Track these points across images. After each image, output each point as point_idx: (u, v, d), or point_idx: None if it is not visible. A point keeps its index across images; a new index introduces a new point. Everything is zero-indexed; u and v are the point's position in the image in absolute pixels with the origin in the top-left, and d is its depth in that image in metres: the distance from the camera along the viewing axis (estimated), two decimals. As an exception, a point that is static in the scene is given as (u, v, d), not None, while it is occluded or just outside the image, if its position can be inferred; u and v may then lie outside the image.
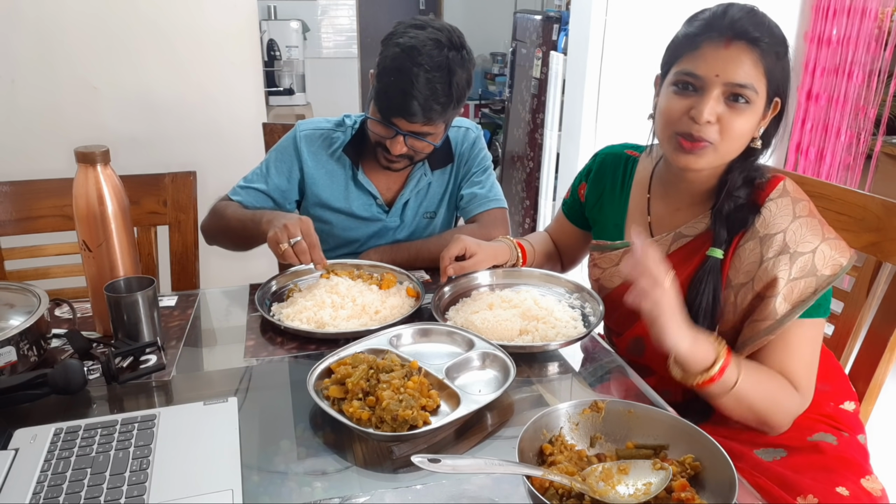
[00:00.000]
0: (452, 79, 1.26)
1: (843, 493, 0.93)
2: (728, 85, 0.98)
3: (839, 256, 1.00)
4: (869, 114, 2.61)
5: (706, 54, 0.99)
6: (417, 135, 1.31)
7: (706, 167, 1.04)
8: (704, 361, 0.93)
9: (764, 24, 0.99)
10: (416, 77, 1.23)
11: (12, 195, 1.45)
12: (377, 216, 1.48)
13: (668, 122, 1.04)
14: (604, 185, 1.28)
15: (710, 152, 1.02)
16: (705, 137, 1.00)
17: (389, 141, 1.32)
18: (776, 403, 0.99)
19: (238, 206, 1.42)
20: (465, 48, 1.31)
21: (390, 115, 1.28)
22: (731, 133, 1.00)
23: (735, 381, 0.95)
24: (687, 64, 1.01)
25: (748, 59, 0.97)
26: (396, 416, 0.82)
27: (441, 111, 1.27)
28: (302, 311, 1.14)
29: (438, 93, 1.25)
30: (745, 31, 0.97)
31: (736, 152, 1.04)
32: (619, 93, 2.49)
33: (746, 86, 0.97)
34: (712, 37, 0.99)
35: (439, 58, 1.25)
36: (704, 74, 0.99)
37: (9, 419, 0.87)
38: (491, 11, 5.82)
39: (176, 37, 2.12)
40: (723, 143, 1.01)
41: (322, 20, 4.51)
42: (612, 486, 0.74)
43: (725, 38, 0.98)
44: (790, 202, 1.03)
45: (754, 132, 1.03)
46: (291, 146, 1.46)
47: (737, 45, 0.97)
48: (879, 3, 2.46)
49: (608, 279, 1.22)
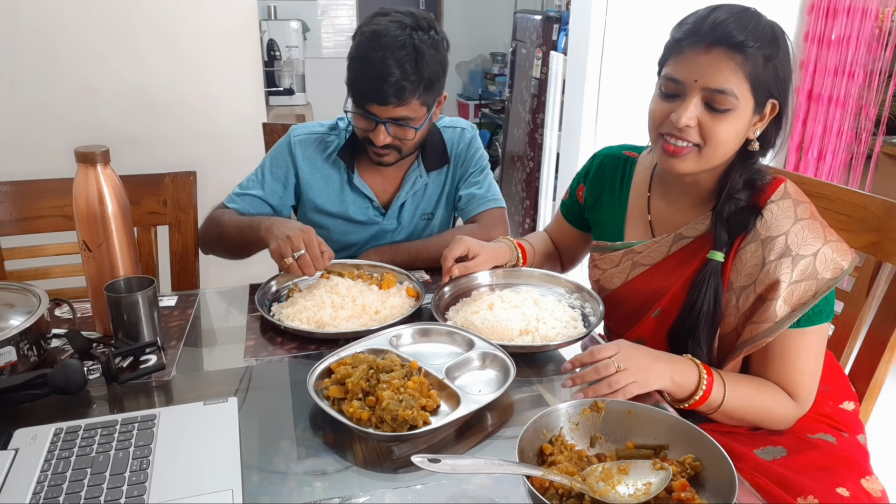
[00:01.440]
0: (420, 58, 1.25)
1: (844, 493, 0.93)
2: (707, 90, 0.98)
3: (840, 259, 1.00)
4: (869, 114, 2.61)
5: (687, 59, 1.00)
6: (397, 121, 1.29)
7: (693, 171, 1.05)
8: (689, 387, 0.97)
9: (750, 27, 0.97)
10: (381, 60, 1.23)
11: (12, 195, 1.45)
12: (374, 219, 1.48)
13: (653, 125, 1.06)
14: (603, 186, 1.28)
15: (693, 156, 1.03)
16: (687, 139, 1.01)
17: (372, 133, 1.31)
18: (767, 413, 1.02)
19: (234, 214, 1.41)
20: (434, 30, 1.30)
21: (364, 104, 1.28)
22: (713, 137, 1.00)
23: (722, 399, 0.98)
24: (670, 68, 1.02)
25: (727, 64, 0.97)
26: (396, 416, 0.82)
27: (412, 90, 1.26)
28: (302, 311, 1.14)
29: (407, 71, 1.24)
30: (726, 35, 0.96)
31: (725, 156, 1.04)
32: (619, 93, 2.49)
33: (725, 91, 0.97)
34: (694, 41, 0.99)
35: (402, 37, 1.24)
36: (684, 79, 1.00)
37: (9, 419, 0.87)
38: (491, 11, 5.81)
39: (176, 37, 2.12)
40: (706, 147, 1.02)
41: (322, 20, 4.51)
42: (612, 486, 0.74)
43: (705, 43, 0.98)
44: (792, 204, 1.03)
45: (745, 135, 1.03)
46: (286, 151, 1.45)
47: (716, 51, 0.97)
48: (879, 3, 2.46)
49: (608, 280, 1.22)
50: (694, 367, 0.98)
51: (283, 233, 1.19)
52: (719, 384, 0.98)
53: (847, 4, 2.48)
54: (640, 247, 1.17)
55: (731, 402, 0.98)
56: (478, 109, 5.67)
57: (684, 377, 0.96)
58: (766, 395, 1.01)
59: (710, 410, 0.99)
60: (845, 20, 2.50)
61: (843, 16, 2.50)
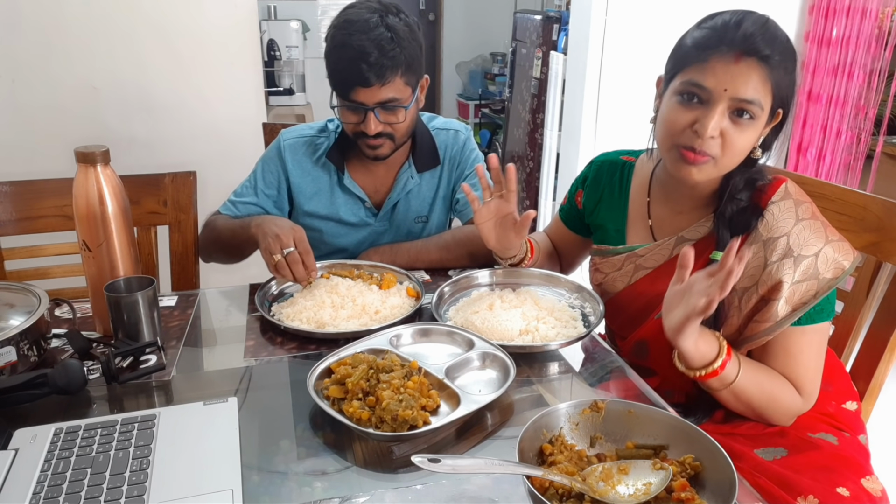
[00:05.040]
0: (396, 36, 1.25)
1: (844, 493, 0.93)
2: (735, 100, 0.97)
3: (842, 259, 1.00)
4: (869, 114, 2.61)
5: (715, 67, 0.97)
6: (384, 105, 1.28)
7: (705, 179, 1.04)
8: (707, 357, 0.96)
9: (776, 39, 0.97)
10: (358, 42, 1.22)
11: (12, 195, 1.45)
12: (365, 220, 1.47)
13: (670, 133, 1.02)
14: (601, 192, 1.28)
15: (710, 166, 1.02)
16: (708, 152, 1.00)
17: (363, 124, 1.29)
18: (774, 401, 1.01)
19: (229, 218, 1.41)
20: (404, 13, 1.30)
21: (348, 93, 1.26)
22: (732, 148, 1.00)
23: (735, 377, 0.98)
24: (695, 74, 0.99)
25: (757, 75, 0.96)
26: (396, 416, 0.82)
27: (393, 66, 1.25)
28: (302, 311, 1.14)
29: (385, 49, 1.23)
30: (756, 47, 0.95)
31: (735, 165, 1.04)
32: (619, 93, 2.49)
33: (753, 102, 0.97)
34: (722, 50, 0.97)
35: (374, 19, 1.24)
36: (713, 87, 0.97)
37: (9, 419, 0.87)
38: (491, 11, 5.81)
39: (176, 37, 2.12)
40: (723, 157, 1.01)
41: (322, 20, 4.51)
42: (612, 486, 0.74)
43: (736, 53, 0.96)
44: (793, 205, 1.03)
45: (755, 143, 1.03)
46: (276, 156, 1.45)
47: (747, 61, 0.96)
48: (879, 3, 2.46)
49: (611, 284, 1.22)
50: (716, 340, 0.98)
51: (272, 230, 1.19)
52: (735, 362, 0.98)
53: (847, 4, 2.48)
54: (643, 250, 1.17)
55: (743, 382, 0.98)
56: (478, 109, 5.67)
57: (706, 345, 0.96)
58: (775, 383, 1.01)
59: (721, 386, 0.98)
60: (845, 20, 2.50)
61: (843, 16, 2.50)
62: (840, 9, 2.49)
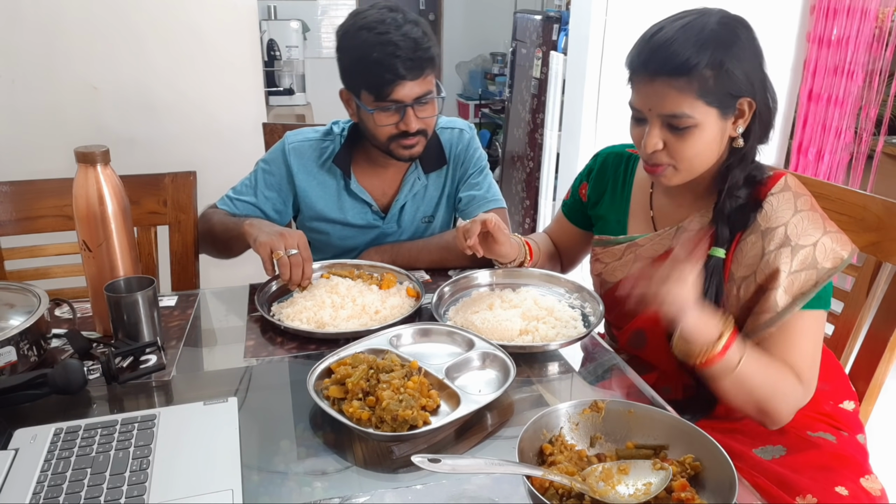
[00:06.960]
0: (422, 29, 1.27)
1: (843, 492, 0.93)
2: (662, 116, 1.00)
3: (840, 249, 1.00)
4: (870, 114, 2.61)
5: (639, 89, 1.03)
6: (419, 100, 1.29)
7: (679, 182, 1.07)
8: (710, 335, 0.94)
9: (691, 43, 0.95)
10: (391, 39, 1.23)
11: (12, 195, 1.45)
12: (373, 223, 1.47)
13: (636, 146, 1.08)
14: (606, 184, 1.28)
15: (672, 172, 1.05)
16: (659, 162, 1.04)
17: (403, 122, 1.29)
18: (777, 390, 0.98)
19: (224, 213, 1.41)
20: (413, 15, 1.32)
21: (387, 90, 1.25)
22: (682, 155, 1.02)
23: (738, 362, 0.95)
24: (631, 96, 1.05)
25: (673, 90, 0.97)
26: (396, 416, 0.82)
27: (427, 59, 1.26)
28: (302, 311, 1.14)
29: (419, 43, 1.25)
30: (664, 62, 0.97)
31: (704, 164, 1.05)
32: (619, 93, 2.47)
33: (678, 115, 0.98)
34: (639, 72, 1.01)
35: (399, 17, 1.26)
36: (641, 108, 1.03)
37: (9, 419, 0.87)
38: (491, 11, 5.81)
39: (176, 37, 2.12)
40: (680, 163, 1.03)
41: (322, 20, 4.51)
42: (612, 486, 0.74)
43: (647, 74, 1.00)
44: (792, 196, 1.03)
45: (723, 139, 1.03)
46: (281, 160, 1.44)
47: (659, 80, 0.98)
48: (879, 3, 2.46)
49: (610, 273, 1.22)
50: (722, 320, 0.96)
51: (275, 229, 1.19)
52: (740, 344, 0.96)
53: (847, 4, 2.48)
54: (643, 240, 1.17)
55: (746, 368, 0.95)
56: (478, 109, 5.67)
57: (708, 322, 0.94)
58: (778, 370, 0.98)
59: (725, 370, 0.95)
60: (845, 20, 2.50)
61: (843, 16, 2.50)
62: (840, 9, 2.49)
